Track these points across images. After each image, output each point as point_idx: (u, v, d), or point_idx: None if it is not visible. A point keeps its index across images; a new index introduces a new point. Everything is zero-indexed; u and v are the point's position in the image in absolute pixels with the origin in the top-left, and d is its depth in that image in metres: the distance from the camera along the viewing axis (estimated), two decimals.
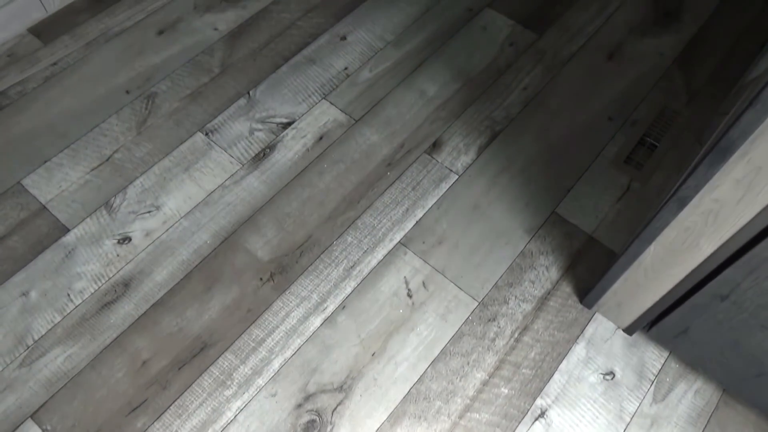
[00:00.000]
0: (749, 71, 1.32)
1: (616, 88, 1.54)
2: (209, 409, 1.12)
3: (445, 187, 1.37)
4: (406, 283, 1.25)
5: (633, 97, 1.52)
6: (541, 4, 1.70)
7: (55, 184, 1.35)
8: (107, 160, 1.39)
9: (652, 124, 1.48)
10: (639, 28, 1.65)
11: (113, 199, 1.34)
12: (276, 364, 1.16)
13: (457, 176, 1.39)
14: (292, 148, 1.42)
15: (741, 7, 1.70)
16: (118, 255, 1.26)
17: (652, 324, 1.13)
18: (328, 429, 1.11)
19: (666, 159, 1.42)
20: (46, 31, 1.59)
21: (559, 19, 1.67)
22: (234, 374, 1.15)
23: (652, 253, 0.98)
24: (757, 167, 0.75)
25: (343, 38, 1.61)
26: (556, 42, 1.62)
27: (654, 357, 1.19)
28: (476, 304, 1.23)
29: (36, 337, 1.17)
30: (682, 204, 0.86)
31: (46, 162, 1.38)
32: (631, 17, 1.67)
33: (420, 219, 1.33)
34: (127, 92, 1.50)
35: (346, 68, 1.56)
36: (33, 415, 1.10)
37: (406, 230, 1.31)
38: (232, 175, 1.38)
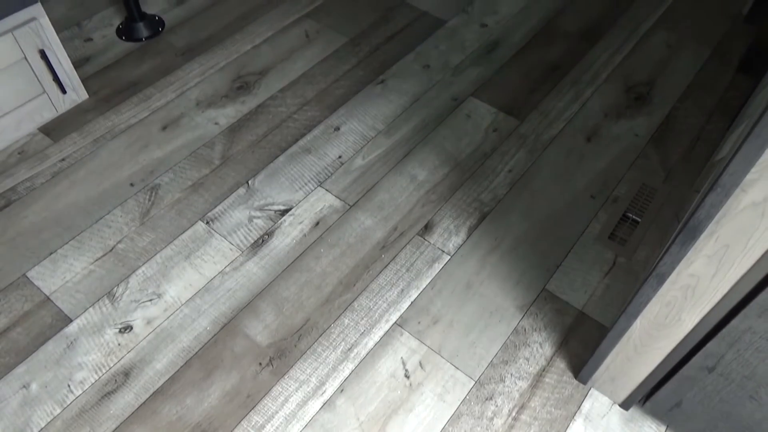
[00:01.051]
0: (717, 151, 1.41)
1: (595, 167, 1.63)
2: None
3: (438, 267, 1.42)
4: (403, 363, 1.27)
5: (613, 175, 1.61)
6: (521, 92, 1.82)
7: (59, 276, 1.39)
8: (111, 250, 1.44)
9: (632, 201, 1.56)
10: (613, 112, 1.77)
11: (116, 288, 1.37)
12: None
13: (449, 257, 1.44)
14: (289, 234, 1.48)
15: (707, 90, 1.82)
16: (119, 344, 1.29)
17: (646, 398, 1.15)
18: None
19: (648, 234, 1.49)
20: (56, 129, 1.69)
21: (539, 106, 1.78)
22: None
23: (638, 327, 1.02)
24: (725, 245, 0.81)
25: (337, 129, 1.71)
26: (537, 127, 1.72)
27: None
28: (473, 383, 1.25)
29: (35, 431, 1.17)
30: (662, 280, 0.91)
31: (51, 254, 1.43)
32: (605, 102, 1.79)
33: (415, 299, 1.36)
34: (132, 185, 1.57)
35: (340, 156, 1.64)
36: None
37: (402, 311, 1.35)
38: (232, 261, 1.42)
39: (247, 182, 1.58)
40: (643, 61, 1.91)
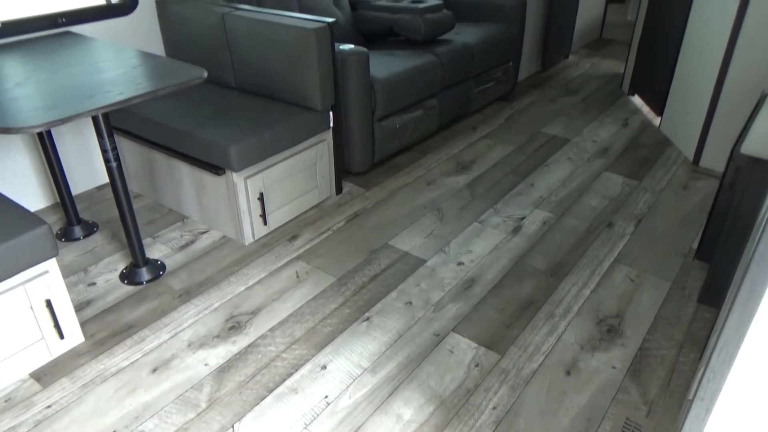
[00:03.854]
0: (690, 387, 1.46)
1: (578, 402, 1.65)
2: None
3: None
4: None
5: (596, 411, 1.62)
6: (499, 327, 1.92)
7: None
8: None
9: None
10: (588, 345, 1.85)
11: None
12: None
13: None
14: None
15: (673, 322, 1.94)
16: None
17: None
18: None
19: None
20: (47, 374, 1.72)
21: (517, 340, 1.87)
22: None
23: None
24: None
25: (324, 367, 1.76)
26: (518, 361, 1.78)
27: None
28: None
29: None
30: None
31: None
32: (580, 335, 1.89)
33: None
34: None
35: (326, 396, 1.66)
36: None
37: None
38: None
39: (233, 426, 1.57)
40: (610, 295, 2.06)
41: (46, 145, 2.22)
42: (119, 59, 2.02)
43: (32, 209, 2.53)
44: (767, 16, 2.49)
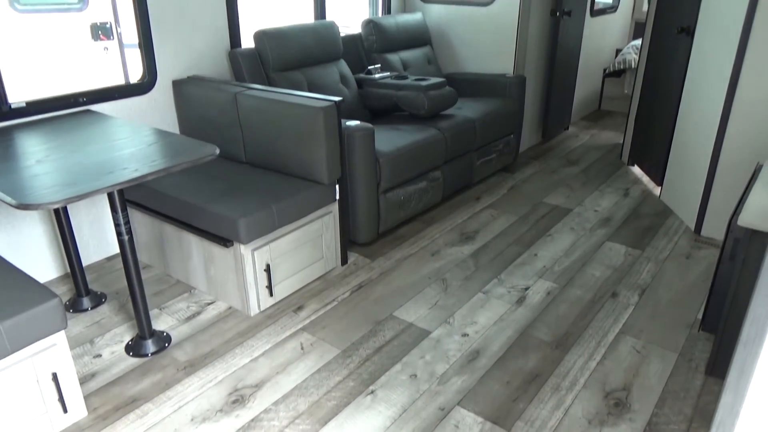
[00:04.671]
0: None
1: None
2: None
3: None
4: None
5: None
6: (505, 400, 1.90)
7: None
8: None
9: None
10: (596, 419, 1.82)
11: None
12: None
13: None
14: None
15: (681, 395, 1.91)
16: None
17: None
18: None
19: None
20: None
21: (524, 414, 1.84)
22: None
23: None
24: None
25: None
26: None
27: None
28: None
29: None
30: None
31: None
32: (586, 409, 1.86)
33: None
34: None
35: None
36: None
37: None
38: None
39: None
40: (617, 367, 2.04)
41: (60, 218, 2.29)
42: (136, 137, 2.12)
43: (43, 280, 2.57)
44: (759, 88, 2.59)
